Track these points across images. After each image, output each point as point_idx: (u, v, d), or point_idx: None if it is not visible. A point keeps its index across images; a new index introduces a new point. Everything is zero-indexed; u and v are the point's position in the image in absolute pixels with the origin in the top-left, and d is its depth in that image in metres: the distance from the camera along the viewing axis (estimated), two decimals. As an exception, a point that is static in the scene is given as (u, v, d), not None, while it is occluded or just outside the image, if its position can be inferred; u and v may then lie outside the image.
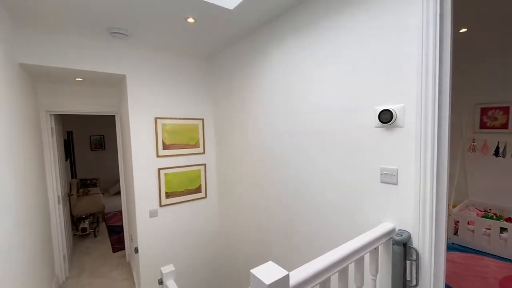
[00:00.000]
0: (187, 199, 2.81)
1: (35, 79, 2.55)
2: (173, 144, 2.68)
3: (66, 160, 4.49)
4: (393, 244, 1.16)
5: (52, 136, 2.86)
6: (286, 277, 0.74)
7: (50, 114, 2.84)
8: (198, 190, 2.89)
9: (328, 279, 0.90)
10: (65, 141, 4.44)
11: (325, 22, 1.54)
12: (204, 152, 2.91)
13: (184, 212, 2.81)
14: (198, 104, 2.86)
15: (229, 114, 2.63)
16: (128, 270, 3.36)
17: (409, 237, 1.16)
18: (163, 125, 2.60)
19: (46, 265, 2.52)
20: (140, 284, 2.64)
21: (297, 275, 0.81)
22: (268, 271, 0.75)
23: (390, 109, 1.19)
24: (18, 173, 1.79)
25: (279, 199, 2.01)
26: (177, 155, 2.72)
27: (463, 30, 2.53)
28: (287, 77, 1.84)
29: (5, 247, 1.45)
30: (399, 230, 1.20)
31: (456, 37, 0.97)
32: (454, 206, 3.45)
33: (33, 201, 2.16)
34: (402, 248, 1.13)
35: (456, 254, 3.04)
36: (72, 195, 4.33)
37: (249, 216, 2.44)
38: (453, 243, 3.29)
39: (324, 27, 1.54)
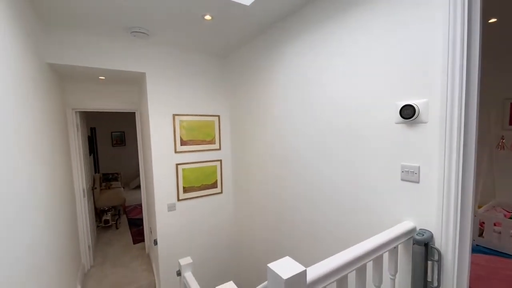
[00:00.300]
0: (203, 194, 2.87)
1: (61, 78, 2.68)
2: (190, 140, 2.74)
3: (90, 155, 4.71)
4: (413, 244, 1.13)
5: (77, 132, 3.01)
6: (303, 273, 0.74)
7: (75, 112, 2.98)
8: (214, 185, 2.94)
9: (346, 277, 0.89)
10: (88, 137, 4.66)
11: (342, 15, 1.50)
12: (220, 148, 2.95)
13: (201, 207, 2.87)
14: (214, 101, 2.89)
15: (245, 111, 2.64)
16: (148, 261, 3.49)
17: (431, 237, 1.12)
18: (181, 121, 2.66)
19: (73, 253, 2.68)
20: (159, 275, 2.74)
21: (314, 271, 0.81)
22: (285, 266, 0.75)
23: (412, 104, 1.14)
24: (48, 168, 1.90)
25: (294, 195, 2.01)
26: (194, 151, 2.78)
27: (493, 20, 2.37)
28: (304, 73, 1.82)
29: (39, 236, 1.55)
30: (420, 229, 1.17)
31: (484, 28, 0.92)
32: (479, 207, 3.28)
33: (61, 194, 2.30)
34: (423, 248, 1.10)
35: (480, 257, 2.90)
36: (95, 188, 4.55)
37: (263, 211, 2.45)
38: (477, 245, 3.14)
39: (341, 21, 1.50)
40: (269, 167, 2.31)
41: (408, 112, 1.16)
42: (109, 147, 7.40)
